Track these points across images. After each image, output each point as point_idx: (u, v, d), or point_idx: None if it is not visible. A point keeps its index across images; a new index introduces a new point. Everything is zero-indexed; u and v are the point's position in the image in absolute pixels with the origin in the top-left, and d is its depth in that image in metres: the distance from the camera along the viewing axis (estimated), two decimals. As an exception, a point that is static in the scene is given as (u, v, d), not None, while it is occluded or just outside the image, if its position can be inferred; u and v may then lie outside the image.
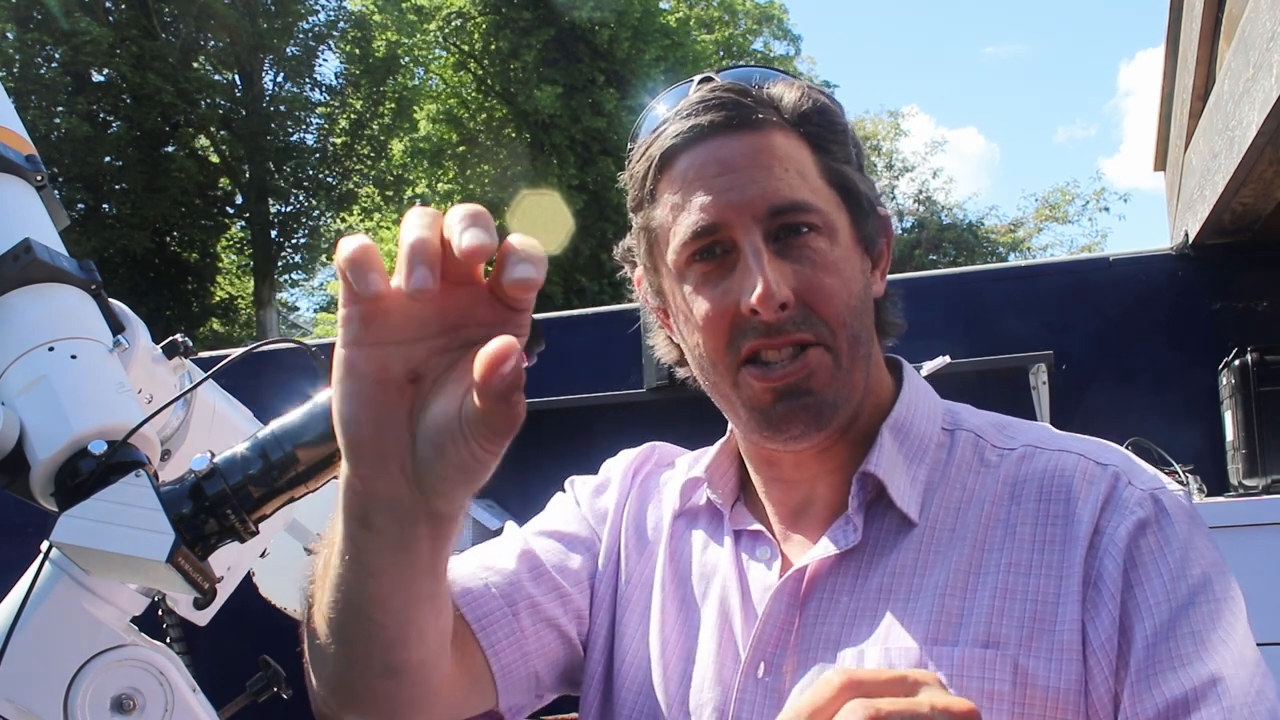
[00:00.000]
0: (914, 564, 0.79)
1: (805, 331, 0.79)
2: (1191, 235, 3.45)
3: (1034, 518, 0.78)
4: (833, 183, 0.82)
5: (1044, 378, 3.16)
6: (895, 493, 0.81)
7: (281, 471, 0.87)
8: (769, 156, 0.79)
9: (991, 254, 23.15)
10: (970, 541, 0.79)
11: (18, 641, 0.93)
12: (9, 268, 1.00)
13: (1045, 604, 0.75)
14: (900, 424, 0.85)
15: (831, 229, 0.81)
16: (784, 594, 0.81)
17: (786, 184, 0.79)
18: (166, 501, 0.83)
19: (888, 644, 0.76)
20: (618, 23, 17.53)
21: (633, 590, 0.93)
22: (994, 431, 0.86)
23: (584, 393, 3.56)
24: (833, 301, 0.79)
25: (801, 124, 0.81)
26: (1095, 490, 0.78)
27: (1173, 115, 4.62)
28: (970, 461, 0.84)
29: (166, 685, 0.98)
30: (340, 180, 17.94)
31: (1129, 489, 0.77)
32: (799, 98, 0.82)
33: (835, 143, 0.83)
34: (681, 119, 0.81)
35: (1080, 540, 0.76)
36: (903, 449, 0.83)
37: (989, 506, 0.80)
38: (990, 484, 0.81)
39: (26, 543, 1.02)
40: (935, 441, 0.85)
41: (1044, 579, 0.76)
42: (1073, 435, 0.85)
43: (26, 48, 15.54)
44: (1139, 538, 0.75)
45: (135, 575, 0.88)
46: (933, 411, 0.87)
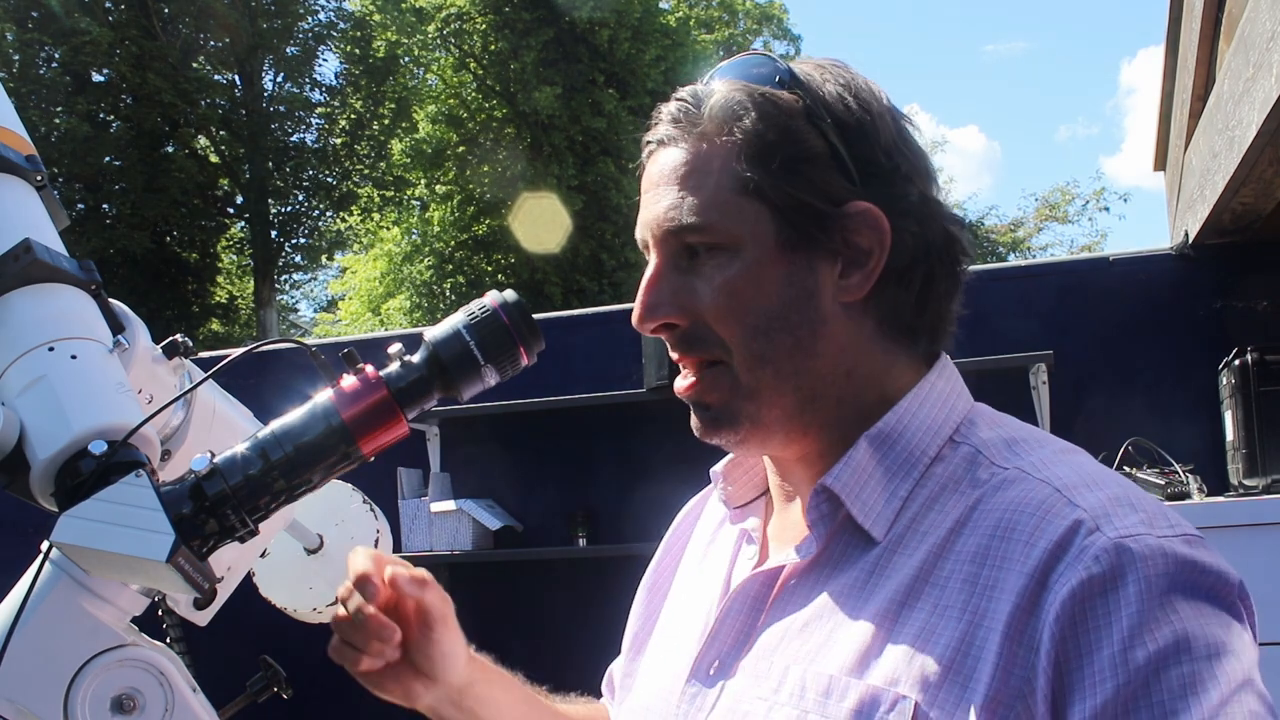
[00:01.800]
0: (862, 585, 0.75)
1: (701, 351, 0.81)
2: (1191, 235, 3.45)
3: (981, 556, 0.71)
4: (753, 192, 0.78)
5: (1044, 378, 3.16)
6: (856, 509, 0.77)
7: (282, 472, 0.87)
8: (674, 176, 0.80)
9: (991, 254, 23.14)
10: (916, 570, 0.73)
11: (18, 641, 0.93)
12: (9, 268, 1.00)
13: (964, 655, 0.68)
14: (886, 435, 0.79)
15: (734, 247, 0.78)
16: (746, 594, 0.82)
17: (682, 206, 0.79)
18: (166, 501, 0.83)
19: (810, 665, 0.74)
20: (617, 23, 17.52)
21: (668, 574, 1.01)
22: (1000, 448, 0.78)
23: (583, 393, 3.56)
24: (724, 322, 0.78)
25: (732, 131, 0.79)
26: (1048, 535, 0.68)
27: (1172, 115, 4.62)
28: (960, 480, 0.77)
29: (167, 685, 0.98)
30: (340, 180, 17.93)
31: (1091, 537, 0.67)
32: (736, 103, 0.79)
33: (781, 145, 0.78)
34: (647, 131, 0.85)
35: (1013, 593, 0.67)
36: (884, 461, 0.79)
37: (946, 534, 0.74)
38: (962, 508, 0.75)
39: (26, 543, 1.02)
40: (932, 455, 0.79)
41: (969, 627, 0.68)
42: (1084, 463, 0.76)
43: (26, 48, 15.53)
44: (1088, 597, 0.65)
45: (135, 575, 0.88)
46: (937, 421, 0.81)
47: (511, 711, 0.96)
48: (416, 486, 3.75)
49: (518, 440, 3.81)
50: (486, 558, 3.66)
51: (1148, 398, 3.25)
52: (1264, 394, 2.79)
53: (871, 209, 0.78)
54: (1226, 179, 2.91)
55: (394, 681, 0.88)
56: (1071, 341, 3.33)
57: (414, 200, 19.24)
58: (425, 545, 3.60)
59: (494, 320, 0.90)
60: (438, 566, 3.70)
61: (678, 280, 0.81)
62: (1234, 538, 2.53)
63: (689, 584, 0.96)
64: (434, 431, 3.74)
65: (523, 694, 1.00)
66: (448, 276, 18.85)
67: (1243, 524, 2.54)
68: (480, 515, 3.58)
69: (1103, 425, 3.14)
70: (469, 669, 0.91)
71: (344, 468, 0.90)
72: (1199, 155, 3.62)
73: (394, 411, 0.89)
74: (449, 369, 0.89)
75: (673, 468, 3.64)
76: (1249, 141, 2.61)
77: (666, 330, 0.82)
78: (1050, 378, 3.17)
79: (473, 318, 0.90)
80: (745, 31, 23.14)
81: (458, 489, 3.76)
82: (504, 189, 17.36)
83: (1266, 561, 2.52)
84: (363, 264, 20.23)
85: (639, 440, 3.56)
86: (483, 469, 3.81)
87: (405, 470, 3.71)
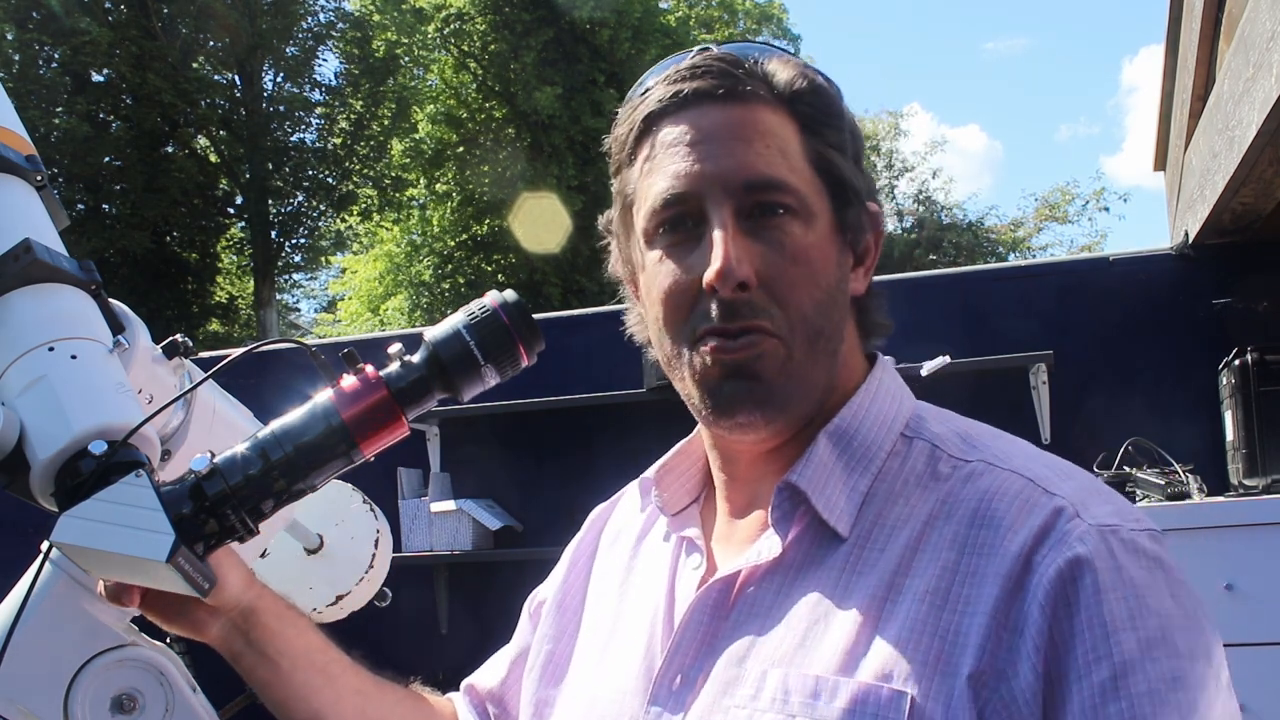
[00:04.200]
0: (835, 583, 0.73)
1: (762, 319, 0.74)
2: (1191, 235, 3.45)
3: (960, 544, 0.70)
4: (818, 167, 0.77)
5: (1044, 378, 3.16)
6: (820, 504, 0.76)
7: (282, 472, 0.87)
8: (751, 130, 0.76)
9: (991, 254, 23.14)
10: (894, 564, 0.72)
11: (18, 641, 0.93)
12: (9, 268, 1.00)
13: (953, 643, 0.67)
14: (843, 430, 0.79)
15: (809, 214, 0.76)
16: (704, 604, 0.78)
17: (765, 160, 0.75)
18: (166, 501, 0.83)
19: (790, 668, 0.71)
20: (617, 22, 17.53)
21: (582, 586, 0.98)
22: (956, 442, 0.78)
23: (583, 393, 3.56)
24: (795, 291, 0.75)
25: (793, 103, 0.78)
26: (1032, 521, 0.69)
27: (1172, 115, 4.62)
28: (920, 474, 0.76)
29: (167, 685, 0.98)
30: (340, 180, 17.93)
31: (1073, 522, 0.68)
32: (793, 75, 0.78)
33: (827, 126, 0.78)
34: (668, 84, 0.78)
35: (1000, 577, 0.67)
36: (842, 457, 0.78)
37: (921, 526, 0.73)
38: (932, 501, 0.74)
39: (26, 543, 1.02)
40: (887, 450, 0.78)
41: (956, 615, 0.68)
42: (1044, 456, 0.76)
43: (26, 48, 15.53)
44: (1074, 578, 0.65)
45: (135, 575, 0.87)
46: (889, 416, 0.80)
47: (306, 656, 0.94)
48: (416, 486, 3.75)
49: (518, 440, 3.81)
50: (486, 558, 3.65)
51: (1148, 398, 3.25)
52: (1264, 394, 2.80)
53: (879, 210, 0.81)
54: (1226, 179, 2.91)
55: (177, 611, 0.90)
56: (1071, 341, 3.33)
57: (413, 201, 19.24)
58: (425, 545, 3.60)
59: (494, 320, 0.89)
60: (438, 566, 3.70)
61: (746, 239, 0.75)
62: (1234, 538, 2.53)
63: (611, 602, 0.91)
64: (434, 431, 3.74)
65: (321, 641, 0.97)
66: (447, 277, 18.85)
67: (1243, 524, 2.54)
68: (480, 515, 3.58)
69: (1103, 425, 3.14)
70: (249, 595, 0.92)
71: (344, 468, 0.90)
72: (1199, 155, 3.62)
73: (394, 411, 0.89)
74: (449, 369, 0.89)
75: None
76: (1249, 141, 2.61)
77: (738, 291, 0.74)
78: (1050, 378, 3.17)
79: (473, 318, 0.90)
80: (745, 31, 23.13)
81: (458, 489, 3.76)
82: (504, 189, 17.35)
83: (1266, 561, 2.52)
84: (363, 264, 20.23)
85: (639, 440, 3.56)
86: (483, 469, 3.81)
87: (405, 470, 3.71)
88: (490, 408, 3.62)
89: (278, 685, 0.93)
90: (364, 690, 0.97)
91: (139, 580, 0.89)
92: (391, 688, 1.01)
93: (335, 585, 1.47)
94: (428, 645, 3.71)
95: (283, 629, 0.94)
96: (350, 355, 0.90)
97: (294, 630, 0.95)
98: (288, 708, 0.94)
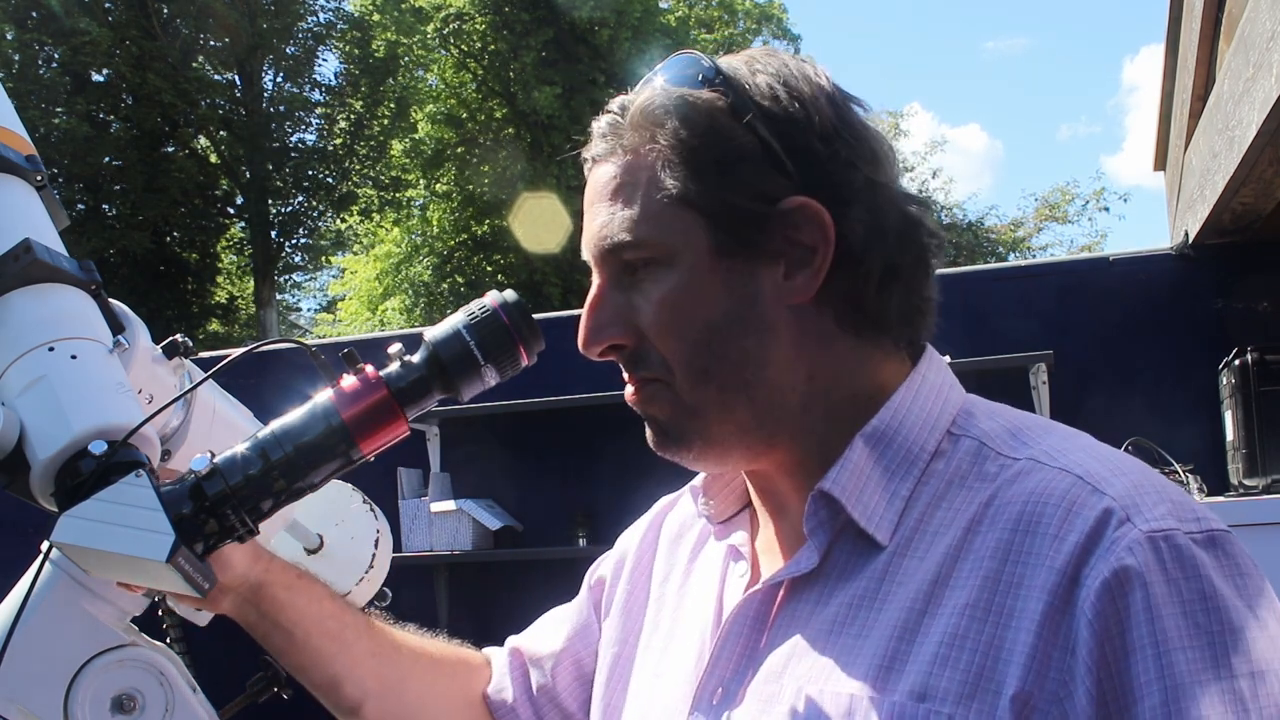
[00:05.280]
0: (874, 594, 0.71)
1: (648, 370, 0.78)
2: (1191, 235, 3.45)
3: (1004, 552, 0.66)
4: (682, 200, 0.74)
5: (1044, 378, 3.16)
6: (858, 512, 0.73)
7: (282, 472, 0.87)
8: (605, 192, 0.78)
9: (991, 254, 23.14)
10: (934, 572, 0.68)
11: (18, 641, 0.93)
12: (9, 268, 1.00)
13: (995, 659, 0.63)
14: (882, 433, 0.75)
15: (670, 258, 0.75)
16: (745, 615, 0.77)
17: (614, 223, 0.76)
18: (166, 501, 0.83)
19: (825, 685, 0.69)
20: (617, 22, 17.52)
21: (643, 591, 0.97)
22: (1005, 438, 0.73)
23: (583, 393, 3.56)
24: (666, 337, 0.76)
25: (655, 138, 0.76)
26: (1078, 527, 0.64)
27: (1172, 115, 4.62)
28: (967, 474, 0.72)
29: (167, 685, 0.97)
30: (340, 180, 17.93)
31: (1122, 529, 0.63)
32: (656, 106, 0.76)
33: (698, 150, 0.74)
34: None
35: (1048, 591, 0.63)
36: (882, 460, 0.74)
37: (963, 532, 0.69)
38: (976, 504, 0.70)
39: (26, 543, 1.02)
40: (931, 450, 0.74)
41: (999, 629, 0.64)
42: (1099, 449, 0.72)
43: (26, 48, 15.53)
44: (1122, 593, 0.61)
45: (135, 575, 0.87)
46: (933, 414, 0.76)
47: (318, 624, 0.96)
48: (416, 486, 3.75)
49: (518, 440, 3.81)
50: (486, 558, 3.66)
51: (1148, 398, 3.25)
52: (1264, 394, 2.80)
53: (809, 203, 0.73)
54: (1226, 179, 2.91)
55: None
56: (1071, 341, 3.33)
57: (413, 201, 19.24)
58: (425, 545, 3.60)
59: (494, 320, 0.89)
60: (438, 566, 3.70)
61: (620, 299, 0.78)
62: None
63: (670, 606, 0.91)
64: (434, 431, 3.74)
65: (335, 607, 0.99)
66: (447, 277, 18.85)
67: (1243, 524, 2.54)
68: (480, 515, 3.58)
69: (1103, 425, 3.13)
70: (256, 569, 0.93)
71: (344, 468, 0.90)
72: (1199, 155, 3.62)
73: (394, 411, 0.89)
74: (449, 369, 0.89)
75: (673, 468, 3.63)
76: (1249, 141, 2.61)
77: (614, 352, 0.79)
78: (1050, 378, 3.17)
79: (473, 318, 0.90)
80: (745, 31, 23.14)
81: (458, 489, 3.76)
82: (504, 189, 17.35)
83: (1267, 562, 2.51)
84: (362, 264, 20.23)
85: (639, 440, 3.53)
86: (483, 469, 3.81)
87: (405, 470, 3.71)
88: (490, 408, 3.62)
89: (293, 653, 0.96)
90: (380, 653, 0.99)
91: (139, 580, 0.89)
92: (412, 648, 1.03)
93: (335, 585, 1.46)
94: (428, 645, 3.70)
95: (293, 599, 0.96)
96: (350, 355, 0.90)
97: (305, 599, 0.97)
98: (306, 673, 0.97)
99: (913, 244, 0.77)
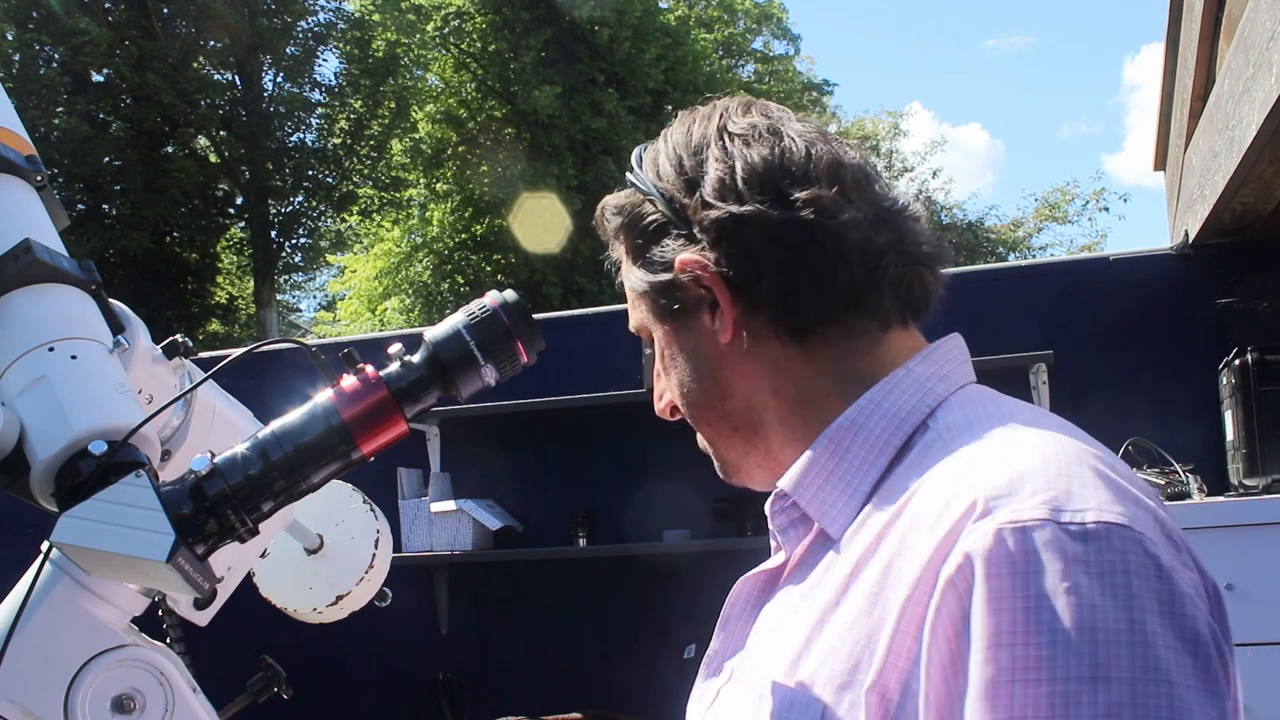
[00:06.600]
0: (816, 585, 0.73)
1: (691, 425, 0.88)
2: (1191, 235, 3.45)
3: (898, 545, 0.67)
4: (633, 288, 0.85)
5: (1044, 378, 3.16)
6: (813, 509, 0.76)
7: (282, 472, 0.87)
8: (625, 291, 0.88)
9: (991, 254, 23.14)
10: (852, 565, 0.70)
11: (18, 641, 0.93)
12: (9, 268, 1.00)
13: (870, 651, 0.65)
14: (845, 429, 0.76)
15: (650, 336, 0.86)
16: (745, 597, 0.83)
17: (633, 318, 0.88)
18: (166, 502, 0.83)
19: (764, 667, 0.74)
20: (617, 22, 17.52)
21: None
22: (959, 430, 0.73)
23: (583, 393, 3.56)
24: (681, 405, 0.86)
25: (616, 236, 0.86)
26: (945, 521, 0.64)
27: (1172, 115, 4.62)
28: (913, 467, 0.72)
29: (167, 685, 0.98)
30: (340, 180, 17.93)
31: (980, 522, 0.61)
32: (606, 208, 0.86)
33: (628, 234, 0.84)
34: None
35: (910, 585, 0.64)
36: (846, 456, 0.76)
37: (884, 526, 0.70)
38: (904, 497, 0.70)
39: (27, 543, 1.02)
40: (899, 443, 0.75)
41: (877, 620, 0.66)
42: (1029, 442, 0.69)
43: (26, 48, 15.53)
44: (966, 588, 0.60)
45: (135, 575, 0.88)
46: (905, 408, 0.76)
47: None
48: (416, 486, 3.75)
49: (518, 440, 3.81)
50: (486, 558, 3.66)
51: (1148, 398, 3.25)
52: (1264, 394, 2.80)
53: (687, 258, 0.78)
54: (1226, 179, 2.91)
55: None
56: (1071, 341, 3.33)
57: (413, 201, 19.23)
58: (425, 545, 3.60)
59: (494, 320, 0.90)
60: (438, 566, 3.71)
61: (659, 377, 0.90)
62: (1234, 538, 2.54)
63: None
64: (434, 431, 3.74)
65: None
66: (447, 276, 18.85)
67: (1243, 524, 2.54)
68: (480, 515, 3.58)
69: (1103, 425, 3.13)
70: None
71: (344, 468, 0.90)
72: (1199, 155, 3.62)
73: (394, 411, 0.89)
74: (449, 369, 0.89)
75: (673, 468, 3.65)
76: (1249, 141, 2.61)
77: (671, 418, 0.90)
78: (1050, 378, 3.17)
79: (472, 317, 0.90)
80: (745, 31, 23.14)
81: (458, 489, 3.76)
82: (504, 189, 17.35)
83: (1266, 561, 2.52)
84: (362, 264, 20.23)
85: (639, 440, 3.56)
86: (483, 469, 3.81)
87: (405, 470, 3.71)
88: (490, 408, 3.62)
89: None
90: None
91: (139, 581, 0.89)
92: None
93: (335, 585, 1.46)
94: (428, 645, 3.71)
95: None
96: (350, 355, 0.90)
97: None
98: None
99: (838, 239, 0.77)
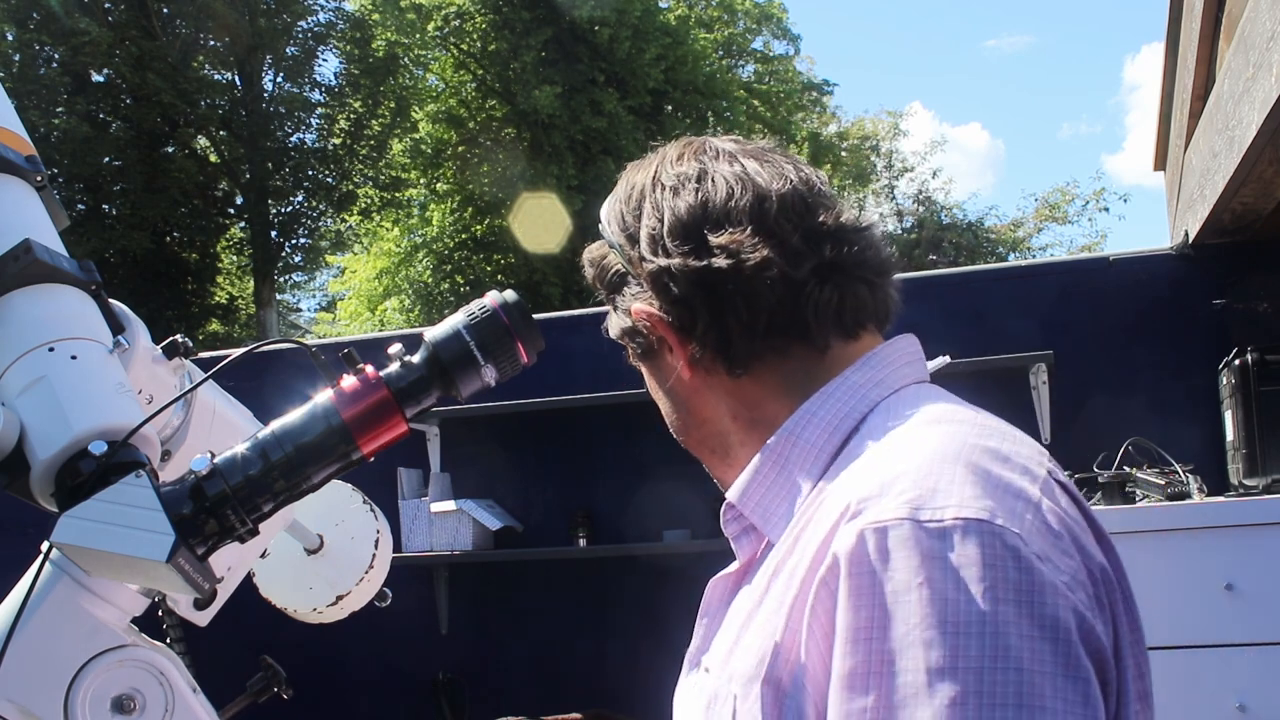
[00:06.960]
0: (756, 586, 0.77)
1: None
2: (1191, 235, 3.45)
3: (802, 547, 0.72)
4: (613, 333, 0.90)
5: (1044, 378, 3.16)
6: (756, 517, 0.80)
7: (282, 472, 0.87)
8: None
9: (991, 254, 23.14)
10: (774, 566, 0.75)
11: (18, 641, 0.93)
12: (9, 268, 1.00)
13: (772, 645, 0.69)
14: (785, 438, 0.79)
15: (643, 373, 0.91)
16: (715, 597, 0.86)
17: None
18: (167, 502, 0.83)
19: (710, 663, 0.79)
20: (617, 22, 17.51)
21: None
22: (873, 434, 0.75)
23: (583, 393, 3.56)
24: (672, 432, 0.91)
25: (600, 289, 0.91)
26: (831, 519, 0.68)
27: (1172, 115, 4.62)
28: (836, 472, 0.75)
29: (167, 685, 0.98)
30: (340, 180, 17.93)
31: (852, 522, 0.65)
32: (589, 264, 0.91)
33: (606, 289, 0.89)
34: None
35: (798, 583, 0.69)
36: (788, 465, 0.79)
37: (800, 530, 0.74)
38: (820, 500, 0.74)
39: (27, 543, 1.02)
40: (833, 450, 0.77)
41: (778, 619, 0.70)
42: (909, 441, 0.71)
43: (26, 48, 15.53)
44: (835, 585, 0.64)
45: (135, 576, 0.88)
46: (839, 415, 0.78)
47: None
48: (416, 486, 3.75)
49: (518, 440, 3.80)
50: (486, 558, 3.66)
51: (1148, 398, 3.25)
52: (1264, 394, 2.80)
53: (638, 308, 0.84)
54: (1226, 179, 2.91)
55: None
56: (1071, 341, 3.33)
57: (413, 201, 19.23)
58: (425, 545, 3.60)
59: (494, 320, 0.90)
60: (438, 567, 3.71)
61: None
62: (1234, 538, 2.53)
63: None
64: (434, 431, 3.74)
65: None
66: (447, 277, 18.85)
67: (1243, 524, 2.54)
68: (480, 515, 3.58)
69: (1103, 425, 3.14)
70: None
71: (344, 468, 0.90)
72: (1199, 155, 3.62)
73: (394, 411, 0.89)
74: (449, 369, 0.89)
75: (673, 468, 3.64)
76: (1249, 141, 2.61)
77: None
78: (1050, 378, 3.17)
79: (472, 318, 0.90)
80: (745, 31, 23.13)
81: (458, 489, 3.76)
82: (504, 189, 17.35)
83: (1266, 561, 2.52)
84: (362, 264, 20.23)
85: (639, 440, 3.56)
86: (483, 469, 3.81)
87: (405, 470, 3.71)
88: (490, 408, 3.62)
89: None
90: None
91: (139, 581, 0.89)
92: None
93: (335, 585, 1.47)
94: (428, 645, 3.71)
95: None
96: (350, 355, 0.90)
97: None
98: None
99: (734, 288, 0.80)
